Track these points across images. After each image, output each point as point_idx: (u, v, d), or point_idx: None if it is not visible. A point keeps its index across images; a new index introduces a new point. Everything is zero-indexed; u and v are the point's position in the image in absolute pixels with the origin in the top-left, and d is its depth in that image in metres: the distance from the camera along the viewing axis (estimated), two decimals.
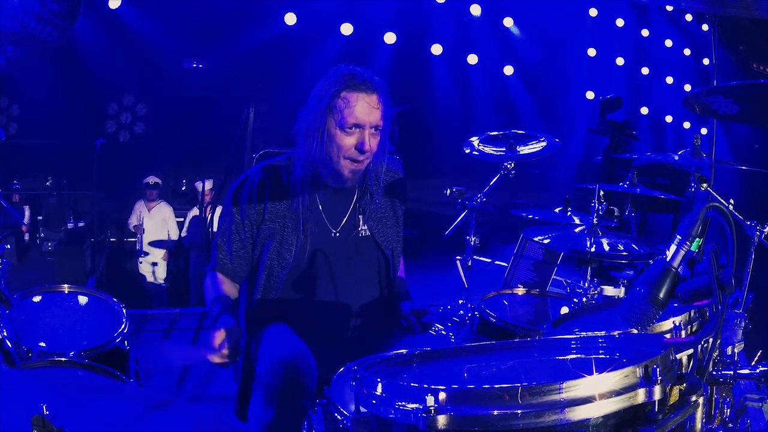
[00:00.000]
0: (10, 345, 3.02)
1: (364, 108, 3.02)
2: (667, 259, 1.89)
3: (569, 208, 4.86)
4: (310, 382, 2.80)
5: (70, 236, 10.20)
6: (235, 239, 3.24)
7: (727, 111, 3.26)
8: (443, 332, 4.45)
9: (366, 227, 3.30)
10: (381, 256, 3.35)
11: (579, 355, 1.92)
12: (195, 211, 9.72)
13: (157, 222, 9.86)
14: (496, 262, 5.49)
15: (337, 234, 3.27)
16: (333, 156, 3.11)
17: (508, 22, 12.62)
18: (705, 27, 13.24)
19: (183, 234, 9.84)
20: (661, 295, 1.87)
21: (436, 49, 12.42)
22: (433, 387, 1.52)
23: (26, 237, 10.51)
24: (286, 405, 2.72)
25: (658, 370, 1.53)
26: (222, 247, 3.28)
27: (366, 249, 3.32)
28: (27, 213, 10.49)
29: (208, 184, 9.55)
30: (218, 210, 9.66)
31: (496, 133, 4.76)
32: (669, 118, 14.76)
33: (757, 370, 2.08)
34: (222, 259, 3.28)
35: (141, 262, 9.65)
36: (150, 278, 9.63)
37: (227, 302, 3.14)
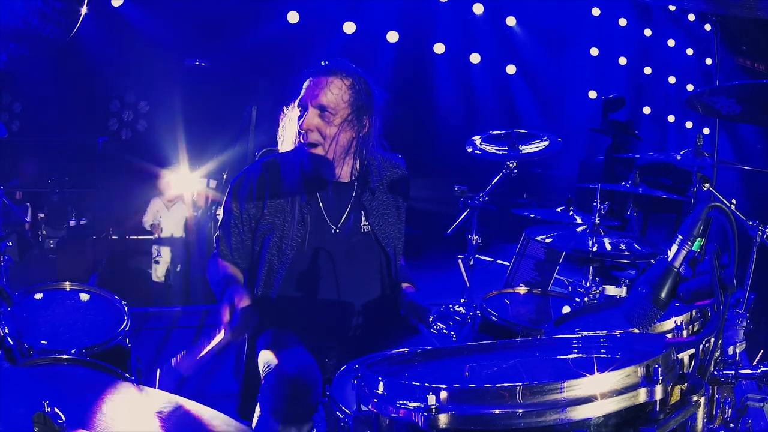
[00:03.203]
0: (11, 342, 3.03)
1: (309, 88, 3.14)
2: (669, 259, 1.89)
3: (571, 208, 4.86)
4: (315, 397, 2.81)
5: (72, 234, 10.19)
6: (234, 233, 3.27)
7: (730, 111, 3.25)
8: (445, 331, 4.44)
9: (367, 224, 3.31)
10: (382, 254, 3.36)
11: (580, 355, 1.92)
12: None
13: (177, 220, 9.82)
14: (498, 261, 5.49)
15: (337, 230, 3.28)
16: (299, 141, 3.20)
17: (510, 21, 12.60)
18: (707, 27, 13.22)
19: None
20: (663, 294, 1.87)
21: (439, 48, 12.39)
22: (434, 386, 1.53)
23: (28, 234, 10.48)
24: (291, 420, 2.73)
25: (659, 369, 1.53)
26: (222, 240, 3.31)
27: (367, 246, 3.33)
28: (29, 210, 10.46)
29: None
30: None
31: (498, 132, 4.76)
32: (671, 118, 14.75)
33: (759, 370, 2.08)
34: (223, 251, 3.31)
35: (158, 262, 9.58)
36: (156, 277, 9.59)
37: (233, 280, 3.15)
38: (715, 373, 2.07)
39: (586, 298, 3.67)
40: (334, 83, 3.13)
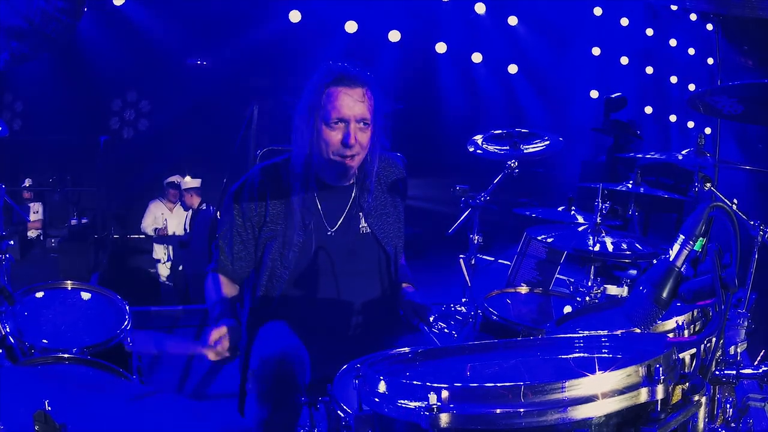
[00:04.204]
0: (12, 341, 3.03)
1: (348, 102, 3.06)
2: (671, 259, 1.89)
3: (573, 207, 4.85)
4: (302, 377, 2.82)
5: (74, 233, 10.21)
6: (236, 241, 3.26)
7: (731, 111, 3.25)
8: (446, 330, 4.44)
9: (366, 225, 3.32)
10: (382, 253, 3.37)
11: (582, 354, 1.92)
12: None
13: (179, 223, 9.81)
14: (500, 261, 5.48)
15: (337, 232, 3.28)
16: (323, 153, 3.15)
17: (512, 20, 12.58)
18: (709, 26, 13.21)
19: None
20: (665, 294, 1.87)
21: (441, 48, 12.40)
22: (435, 385, 1.53)
23: (38, 234, 10.49)
24: (279, 402, 2.74)
25: (660, 369, 1.53)
26: (223, 249, 3.30)
27: (367, 246, 3.34)
28: (40, 209, 10.47)
29: None
30: None
31: (500, 131, 4.75)
32: (673, 118, 14.74)
33: (760, 370, 2.08)
34: (223, 261, 3.30)
35: (165, 266, 9.56)
36: (163, 278, 9.58)
37: (228, 304, 3.17)
38: (717, 372, 2.07)
39: (587, 298, 3.67)
40: (366, 94, 3.11)
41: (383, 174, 3.43)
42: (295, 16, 10.90)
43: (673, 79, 14.20)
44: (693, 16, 13.31)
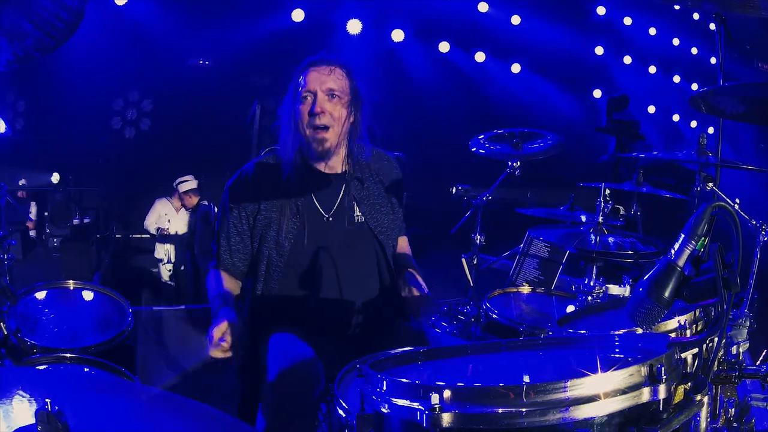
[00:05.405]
0: (15, 340, 3.03)
1: (314, 76, 3.25)
2: (672, 258, 1.88)
3: (575, 207, 4.85)
4: (317, 394, 2.81)
5: (76, 232, 10.21)
6: (233, 233, 3.30)
7: (733, 110, 3.25)
8: (448, 330, 4.44)
9: (360, 214, 3.34)
10: (377, 245, 3.38)
11: (584, 354, 1.92)
12: None
13: (185, 224, 9.77)
14: (502, 260, 5.49)
15: (331, 218, 3.31)
16: (300, 131, 3.25)
17: (515, 19, 12.57)
18: (712, 26, 13.18)
19: None
20: (666, 294, 1.86)
21: (444, 47, 12.41)
22: (437, 385, 1.53)
23: (32, 233, 10.48)
24: (294, 415, 2.74)
25: (663, 369, 1.53)
26: (221, 242, 3.33)
27: (362, 236, 3.36)
28: (33, 209, 10.47)
29: None
30: None
31: (502, 131, 4.76)
32: (676, 117, 14.73)
33: (762, 370, 2.08)
34: (222, 255, 3.32)
35: (166, 264, 9.53)
36: (165, 278, 9.55)
37: (228, 298, 3.19)
38: (719, 372, 2.07)
39: (589, 297, 3.67)
40: (336, 70, 3.26)
41: (378, 169, 3.47)
42: (297, 14, 10.90)
43: (676, 79, 14.20)
44: (696, 16, 13.31)
